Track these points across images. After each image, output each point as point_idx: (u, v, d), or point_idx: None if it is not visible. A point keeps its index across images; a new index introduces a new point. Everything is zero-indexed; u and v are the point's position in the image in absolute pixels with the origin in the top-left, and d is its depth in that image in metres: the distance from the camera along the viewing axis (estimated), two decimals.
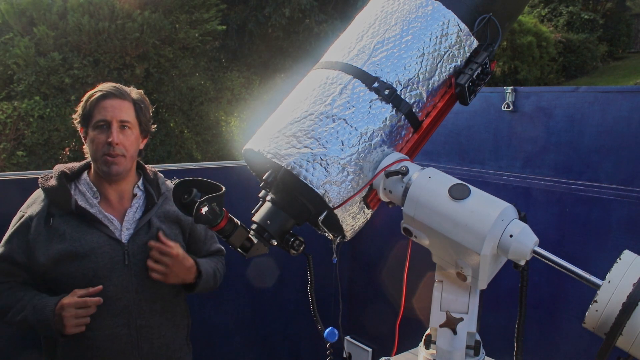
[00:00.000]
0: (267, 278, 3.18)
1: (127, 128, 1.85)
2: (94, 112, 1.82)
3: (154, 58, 8.96)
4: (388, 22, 1.30)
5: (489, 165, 2.87)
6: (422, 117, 1.30)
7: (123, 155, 1.83)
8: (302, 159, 1.18)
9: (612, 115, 2.42)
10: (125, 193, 1.91)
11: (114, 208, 1.90)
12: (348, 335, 3.67)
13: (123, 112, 1.84)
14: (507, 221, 1.08)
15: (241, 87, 10.56)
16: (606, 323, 1.00)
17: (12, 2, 8.08)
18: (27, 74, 7.99)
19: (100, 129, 1.82)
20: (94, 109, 1.82)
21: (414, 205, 1.16)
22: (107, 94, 1.83)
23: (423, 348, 1.27)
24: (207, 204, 1.13)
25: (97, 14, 8.28)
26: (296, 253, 1.26)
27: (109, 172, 1.83)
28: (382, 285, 3.34)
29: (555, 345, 2.62)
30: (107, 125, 1.81)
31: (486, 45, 1.31)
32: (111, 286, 1.80)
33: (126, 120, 1.84)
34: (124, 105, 1.84)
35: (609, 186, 2.42)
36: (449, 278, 1.24)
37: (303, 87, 1.32)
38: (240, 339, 3.27)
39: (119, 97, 1.84)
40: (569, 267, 1.07)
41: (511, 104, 2.72)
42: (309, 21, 11.65)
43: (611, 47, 17.97)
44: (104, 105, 1.82)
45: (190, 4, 9.46)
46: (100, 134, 1.81)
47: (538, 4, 17.44)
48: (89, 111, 1.84)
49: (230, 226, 1.19)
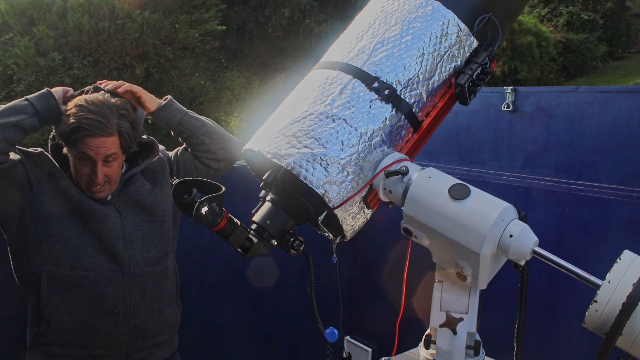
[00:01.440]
0: (267, 278, 3.18)
1: (112, 160, 1.82)
2: (78, 143, 1.76)
3: (154, 58, 8.96)
4: (388, 22, 1.30)
5: (489, 165, 2.86)
6: (422, 117, 1.30)
7: (108, 183, 1.85)
8: (302, 159, 1.18)
9: (612, 115, 2.42)
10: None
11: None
12: (348, 335, 3.67)
13: (108, 148, 1.78)
14: (507, 221, 1.09)
15: (241, 87, 10.57)
16: (606, 323, 1.00)
17: (12, 2, 8.08)
18: (27, 74, 7.99)
19: (84, 160, 1.79)
20: (77, 141, 1.76)
21: (414, 205, 1.16)
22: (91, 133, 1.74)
23: (423, 348, 1.27)
24: (207, 204, 1.14)
25: (97, 14, 8.29)
26: (296, 253, 1.26)
27: (93, 198, 1.86)
28: (382, 285, 3.34)
29: (555, 345, 2.62)
30: (91, 160, 1.78)
31: (486, 45, 1.31)
32: (105, 231, 1.85)
33: (111, 154, 1.80)
34: (108, 141, 1.78)
35: (609, 186, 2.42)
36: (449, 278, 1.24)
37: (303, 87, 1.32)
38: (240, 339, 3.26)
39: (104, 135, 1.76)
40: (569, 267, 1.07)
41: (511, 104, 2.72)
42: (309, 21, 11.66)
43: (611, 47, 17.96)
44: (88, 144, 1.75)
45: (190, 4, 9.46)
46: (84, 165, 1.79)
47: (538, 4, 17.44)
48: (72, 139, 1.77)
49: (230, 226, 1.19)
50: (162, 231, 1.98)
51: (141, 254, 1.91)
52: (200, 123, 2.03)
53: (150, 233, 1.95)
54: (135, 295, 1.90)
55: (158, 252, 1.96)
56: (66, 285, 1.83)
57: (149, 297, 1.93)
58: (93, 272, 1.84)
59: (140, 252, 1.91)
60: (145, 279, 1.92)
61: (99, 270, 1.85)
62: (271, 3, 11.43)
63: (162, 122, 1.99)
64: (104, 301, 1.85)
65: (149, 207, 1.96)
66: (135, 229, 1.92)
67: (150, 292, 1.94)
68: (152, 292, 1.94)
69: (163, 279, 1.99)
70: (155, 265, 1.95)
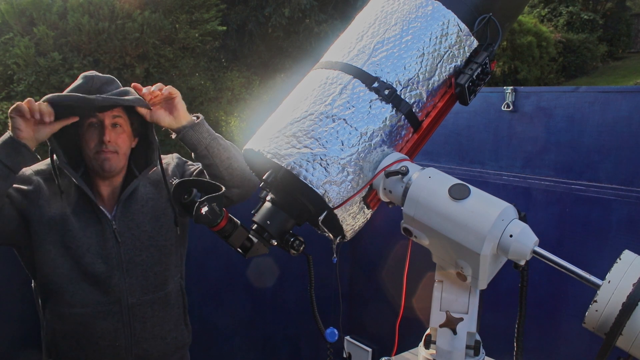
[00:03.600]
0: (267, 278, 3.18)
1: (120, 126, 1.82)
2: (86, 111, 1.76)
3: (154, 58, 8.96)
4: (388, 22, 1.30)
5: (489, 165, 2.87)
6: (422, 117, 1.30)
7: (116, 153, 1.81)
8: (302, 159, 1.18)
9: (612, 115, 2.42)
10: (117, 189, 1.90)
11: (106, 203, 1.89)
12: (348, 335, 3.67)
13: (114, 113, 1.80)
14: (507, 221, 1.08)
15: (241, 87, 10.56)
16: (606, 323, 1.00)
17: (12, 2, 8.07)
18: (27, 74, 7.98)
19: (93, 128, 1.79)
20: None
21: (414, 205, 1.16)
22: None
23: (423, 348, 1.27)
24: (207, 204, 1.14)
25: (97, 14, 8.28)
26: (296, 253, 1.26)
27: (102, 168, 1.81)
28: (382, 285, 3.34)
29: (555, 345, 2.62)
30: (99, 127, 1.79)
31: (486, 45, 1.31)
32: (101, 264, 1.80)
33: (117, 116, 1.81)
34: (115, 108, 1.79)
35: (609, 186, 2.42)
36: (449, 278, 1.24)
37: (303, 87, 1.32)
38: (240, 339, 3.26)
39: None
40: (569, 267, 1.07)
41: (511, 104, 2.72)
42: (309, 21, 11.65)
43: (611, 47, 17.95)
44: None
45: (190, 4, 9.45)
46: (93, 134, 1.79)
47: (538, 4, 17.43)
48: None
49: (230, 226, 1.19)
50: (163, 256, 1.92)
51: (139, 282, 1.86)
52: (226, 155, 1.86)
53: (150, 258, 1.88)
54: (135, 325, 1.86)
55: (157, 279, 1.91)
56: (66, 322, 1.83)
57: (150, 326, 1.89)
58: (90, 307, 1.81)
59: (139, 280, 1.86)
60: (145, 308, 1.88)
61: (96, 305, 1.82)
62: (271, 3, 11.42)
63: (187, 142, 1.84)
64: (104, 336, 1.83)
65: (150, 231, 1.89)
66: (134, 255, 1.86)
67: (151, 320, 1.90)
68: (153, 320, 1.90)
69: (164, 305, 1.93)
70: (154, 293, 1.90)
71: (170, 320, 1.96)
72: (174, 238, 1.95)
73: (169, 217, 1.93)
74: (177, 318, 2.01)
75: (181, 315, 2.03)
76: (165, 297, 1.94)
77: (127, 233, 1.85)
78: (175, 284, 1.99)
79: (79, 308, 1.81)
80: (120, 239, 1.83)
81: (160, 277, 1.91)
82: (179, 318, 2.01)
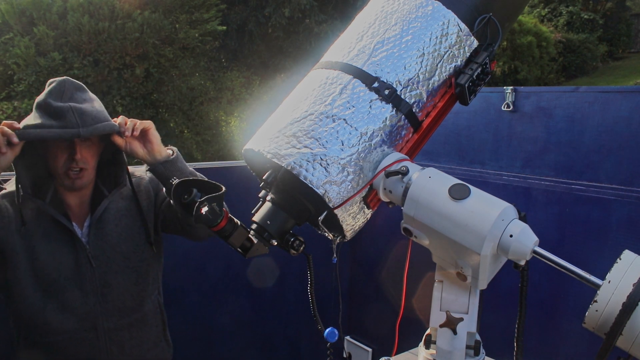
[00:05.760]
0: (267, 278, 3.18)
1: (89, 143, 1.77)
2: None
3: (154, 58, 8.96)
4: (388, 22, 1.30)
5: (489, 165, 2.87)
6: (422, 117, 1.30)
7: (85, 169, 1.76)
8: (302, 159, 1.18)
9: (612, 115, 2.42)
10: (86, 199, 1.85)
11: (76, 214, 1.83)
12: (348, 335, 3.67)
13: None
14: (507, 221, 1.08)
15: (241, 87, 10.57)
16: (606, 323, 1.00)
17: (12, 2, 8.08)
18: (27, 74, 7.99)
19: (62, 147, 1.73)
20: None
21: (414, 205, 1.16)
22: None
23: (423, 348, 1.27)
24: (207, 204, 1.13)
25: (97, 14, 8.29)
26: (296, 253, 1.26)
27: (73, 186, 1.76)
28: (382, 285, 3.34)
29: (555, 345, 2.62)
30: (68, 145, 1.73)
31: (486, 45, 1.31)
32: (75, 290, 1.76)
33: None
34: None
35: (609, 186, 2.42)
36: (449, 278, 1.24)
37: (303, 87, 1.32)
38: (240, 339, 3.26)
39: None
40: (569, 267, 1.07)
41: (511, 104, 2.72)
42: (309, 21, 11.66)
43: (611, 47, 17.96)
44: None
45: (190, 4, 9.46)
46: (61, 152, 1.73)
47: (538, 4, 17.44)
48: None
49: (230, 226, 1.19)
50: (139, 277, 1.87)
51: (115, 306, 1.82)
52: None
53: (126, 280, 1.84)
54: (113, 349, 1.83)
55: (134, 301, 1.87)
56: (41, 350, 1.78)
57: (128, 348, 1.86)
58: (65, 335, 1.77)
59: (115, 305, 1.82)
60: (122, 332, 1.85)
61: (71, 332, 1.77)
62: (271, 3, 11.43)
63: (157, 176, 1.78)
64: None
65: (125, 251, 1.84)
66: (110, 278, 1.81)
67: (129, 342, 1.87)
68: (131, 342, 1.87)
69: (142, 326, 1.90)
70: (131, 315, 1.86)
71: (149, 339, 1.93)
72: (150, 257, 1.91)
73: (143, 235, 1.88)
74: (157, 336, 1.97)
75: (160, 333, 1.99)
76: (142, 318, 1.90)
77: (102, 256, 1.80)
78: (153, 302, 1.95)
79: (52, 337, 1.76)
80: (95, 263, 1.78)
81: (137, 298, 1.87)
82: (158, 335, 1.98)
